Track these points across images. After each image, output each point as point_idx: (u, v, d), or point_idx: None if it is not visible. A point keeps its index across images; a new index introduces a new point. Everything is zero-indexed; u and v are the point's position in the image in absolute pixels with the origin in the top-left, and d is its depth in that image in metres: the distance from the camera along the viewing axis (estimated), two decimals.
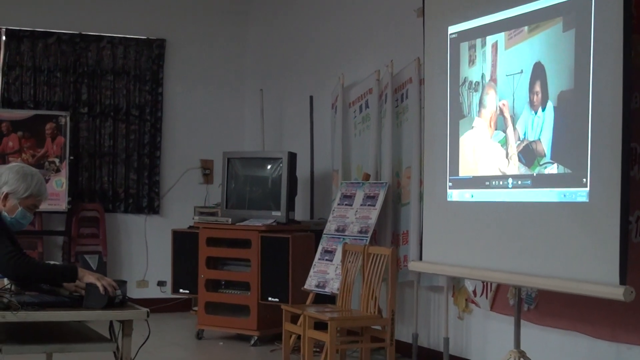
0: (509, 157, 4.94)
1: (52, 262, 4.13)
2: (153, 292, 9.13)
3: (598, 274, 4.25)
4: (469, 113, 5.29)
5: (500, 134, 5.01)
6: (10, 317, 3.62)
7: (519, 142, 4.86)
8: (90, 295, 3.79)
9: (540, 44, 4.72)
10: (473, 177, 5.24)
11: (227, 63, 9.66)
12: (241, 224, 7.56)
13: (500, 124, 5.02)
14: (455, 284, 6.26)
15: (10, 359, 3.86)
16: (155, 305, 8.07)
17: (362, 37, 7.65)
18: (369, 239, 6.54)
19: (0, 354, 3.67)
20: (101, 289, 3.76)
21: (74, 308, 3.80)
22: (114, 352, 3.90)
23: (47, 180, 8.16)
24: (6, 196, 3.89)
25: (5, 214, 3.90)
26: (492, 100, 5.09)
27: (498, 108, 5.03)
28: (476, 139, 5.22)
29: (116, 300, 3.83)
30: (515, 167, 4.89)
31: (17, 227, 3.97)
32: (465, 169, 5.32)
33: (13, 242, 3.99)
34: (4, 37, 8.76)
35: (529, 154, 4.78)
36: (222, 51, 9.64)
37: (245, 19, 9.73)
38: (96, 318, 3.86)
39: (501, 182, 5.01)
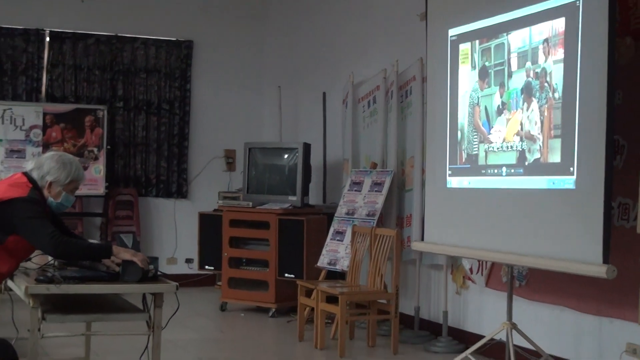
0: (503, 148, 4.93)
1: (90, 240, 4.14)
2: (181, 268, 9.15)
3: (583, 254, 4.25)
4: (467, 107, 5.27)
5: (496, 127, 4.99)
6: (53, 289, 3.64)
7: (514, 134, 4.84)
8: (126, 270, 3.80)
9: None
10: (470, 166, 5.23)
11: (248, 62, 9.65)
12: (261, 207, 7.57)
13: (495, 117, 5.00)
14: (454, 263, 6.26)
15: (53, 327, 3.88)
16: (184, 280, 8.08)
17: (371, 39, 7.63)
18: (375, 221, 6.53)
19: (45, 322, 3.69)
20: (140, 264, 3.77)
21: (110, 282, 3.82)
22: (147, 322, 3.91)
23: (86, 168, 8.23)
24: (50, 184, 3.90)
25: (51, 199, 3.91)
26: (489, 95, 5.07)
27: (493, 103, 5.02)
28: (473, 131, 5.20)
29: (150, 274, 3.84)
30: (508, 157, 4.87)
31: (62, 209, 3.99)
32: (463, 159, 5.30)
33: (58, 224, 4.01)
34: (48, 39, 8.77)
35: (522, 145, 4.76)
36: (244, 51, 9.63)
37: (265, 23, 9.72)
38: (130, 291, 3.88)
39: (496, 171, 4.99)
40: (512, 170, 4.85)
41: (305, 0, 8.97)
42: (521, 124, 4.77)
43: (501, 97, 4.95)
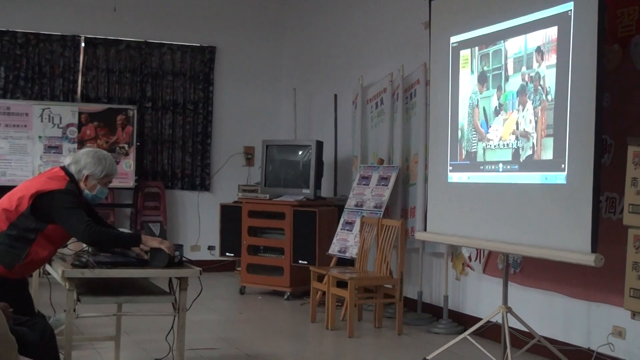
0: (500, 146, 4.92)
1: (121, 230, 4.17)
2: (204, 255, 9.18)
3: (573, 244, 4.24)
4: (467, 108, 5.27)
5: (494, 126, 4.99)
6: (88, 273, 3.67)
7: (510, 133, 4.83)
8: (154, 257, 3.82)
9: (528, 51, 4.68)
10: (470, 162, 5.22)
11: (266, 66, 9.66)
12: (277, 199, 7.58)
13: (493, 118, 4.99)
14: (454, 251, 6.26)
15: (87, 308, 3.91)
16: (206, 266, 8.08)
17: (379, 46, 7.62)
18: (382, 213, 6.54)
19: (79, 303, 3.72)
20: (166, 251, 3.80)
21: (140, 267, 3.84)
22: (173, 304, 3.94)
23: (117, 162, 8.13)
24: (86, 178, 3.92)
25: (87, 191, 3.94)
26: (487, 97, 5.06)
27: (491, 105, 5.01)
28: (472, 131, 5.20)
29: (175, 260, 3.87)
30: (505, 154, 4.86)
31: (97, 201, 4.01)
32: (463, 156, 5.30)
33: (93, 214, 4.03)
34: (83, 44, 8.81)
35: (517, 144, 4.75)
36: (262, 56, 9.64)
37: (282, 30, 9.72)
38: (158, 275, 3.90)
39: (493, 167, 4.99)
40: (508, 167, 4.84)
41: (319, 10, 8.96)
42: (517, 123, 4.76)
43: (498, 99, 4.94)
